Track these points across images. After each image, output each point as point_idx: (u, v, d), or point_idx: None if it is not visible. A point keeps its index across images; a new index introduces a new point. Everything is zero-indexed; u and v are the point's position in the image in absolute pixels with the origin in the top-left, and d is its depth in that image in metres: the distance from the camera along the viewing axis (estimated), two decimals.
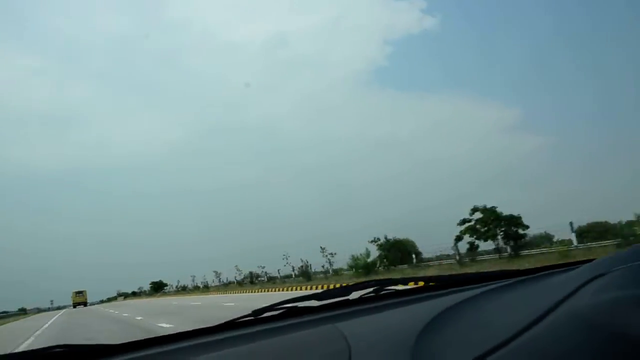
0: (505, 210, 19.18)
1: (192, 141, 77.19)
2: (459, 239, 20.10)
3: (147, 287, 64.84)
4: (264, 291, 27.16)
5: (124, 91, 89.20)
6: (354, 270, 24.16)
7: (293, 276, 33.22)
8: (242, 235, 60.93)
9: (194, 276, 48.23)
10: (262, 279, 37.30)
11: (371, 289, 1.29)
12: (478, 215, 19.92)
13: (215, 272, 42.65)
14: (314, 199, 59.67)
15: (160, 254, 74.37)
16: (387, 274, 22.30)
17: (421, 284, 1.35)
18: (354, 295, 1.26)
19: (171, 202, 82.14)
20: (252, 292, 29.12)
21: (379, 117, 63.85)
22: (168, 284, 58.32)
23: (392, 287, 1.31)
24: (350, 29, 61.63)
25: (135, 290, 70.09)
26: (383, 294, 1.28)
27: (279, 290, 25.32)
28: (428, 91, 60.21)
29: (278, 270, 36.42)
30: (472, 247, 20.17)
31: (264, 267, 37.51)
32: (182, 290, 49.83)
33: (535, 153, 47.45)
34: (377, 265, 24.16)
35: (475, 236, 19.87)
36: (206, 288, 43.03)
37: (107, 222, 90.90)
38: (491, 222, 19.25)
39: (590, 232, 21.76)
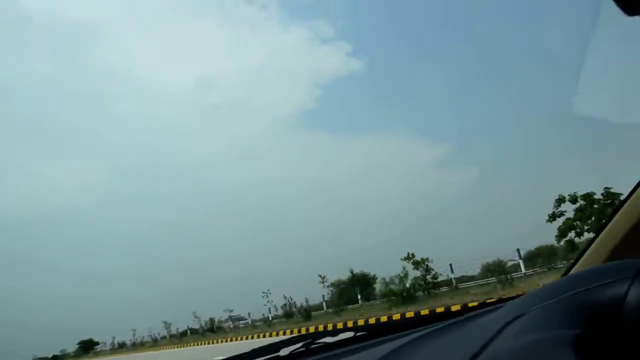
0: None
1: (118, 188, 67.92)
2: (562, 235, 14.18)
3: (71, 348, 53.30)
4: (238, 340, 20.05)
5: (42, 139, 77.48)
6: (387, 299, 17.42)
7: (270, 318, 26.15)
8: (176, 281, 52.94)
9: (135, 330, 39.03)
10: (228, 324, 29.68)
11: (301, 344, 1.24)
12: (566, 206, 14.20)
13: (165, 322, 33.97)
14: (249, 240, 54.73)
15: (80, 308, 62.06)
16: (429, 301, 16.09)
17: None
18: (284, 351, 1.21)
19: (95, 251, 70.85)
20: (221, 342, 21.97)
21: (311, 160, 60.68)
22: (100, 342, 47.85)
23: (323, 340, 1.27)
24: (279, 73, 59.61)
25: (57, 353, 57.73)
26: (314, 347, 1.24)
27: (253, 337, 18.38)
28: (357, 132, 59.11)
29: (248, 313, 29.41)
30: (573, 247, 14.38)
31: (231, 311, 30.08)
32: (120, 347, 40.20)
33: (472, 184, 45.79)
34: (414, 290, 17.50)
35: (575, 231, 14.08)
36: (155, 342, 34.17)
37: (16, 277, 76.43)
38: (605, 207, 13.55)
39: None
